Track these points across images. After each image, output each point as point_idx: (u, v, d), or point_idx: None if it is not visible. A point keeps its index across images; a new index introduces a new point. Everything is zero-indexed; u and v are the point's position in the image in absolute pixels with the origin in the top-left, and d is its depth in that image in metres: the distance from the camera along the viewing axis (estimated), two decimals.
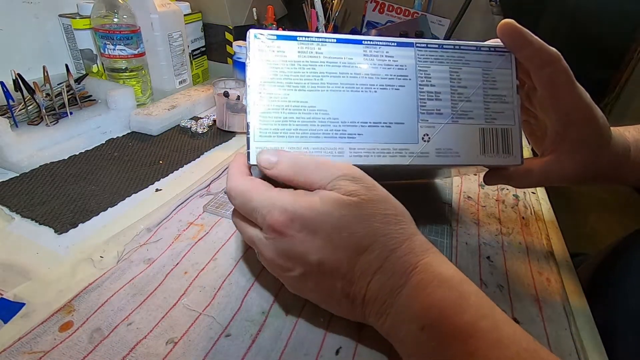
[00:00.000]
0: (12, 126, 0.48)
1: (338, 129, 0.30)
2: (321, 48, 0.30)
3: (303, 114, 0.30)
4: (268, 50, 0.29)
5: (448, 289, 0.24)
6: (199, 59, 0.78)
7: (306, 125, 0.30)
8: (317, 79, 0.30)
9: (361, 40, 0.31)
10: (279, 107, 0.29)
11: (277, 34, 0.30)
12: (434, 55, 0.32)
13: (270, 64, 0.29)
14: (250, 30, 0.29)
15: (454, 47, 0.32)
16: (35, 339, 0.26)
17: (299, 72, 0.30)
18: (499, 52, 0.32)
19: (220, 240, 0.37)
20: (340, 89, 0.30)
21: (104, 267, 0.33)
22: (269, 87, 0.29)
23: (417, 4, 1.01)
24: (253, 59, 0.29)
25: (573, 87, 0.30)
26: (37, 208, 0.39)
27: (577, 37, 0.88)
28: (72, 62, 0.66)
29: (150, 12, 0.62)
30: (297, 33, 0.30)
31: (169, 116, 0.59)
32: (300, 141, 0.30)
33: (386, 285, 0.25)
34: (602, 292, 0.37)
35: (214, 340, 0.27)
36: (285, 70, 0.30)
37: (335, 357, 0.27)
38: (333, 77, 0.30)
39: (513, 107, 0.33)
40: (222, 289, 0.32)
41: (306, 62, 0.30)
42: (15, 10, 0.59)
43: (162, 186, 0.45)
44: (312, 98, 0.30)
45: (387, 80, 0.31)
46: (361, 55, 0.31)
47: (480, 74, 0.32)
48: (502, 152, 0.33)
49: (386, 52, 0.31)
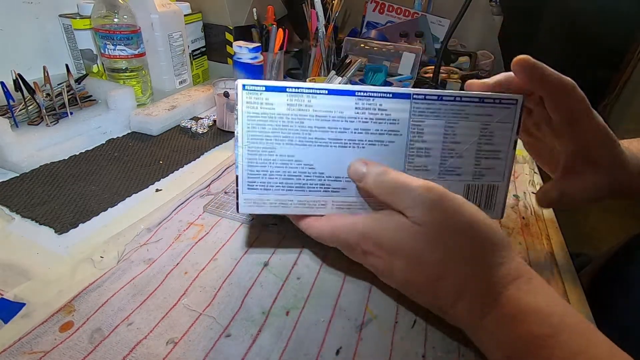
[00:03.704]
0: (13, 126, 0.48)
1: (323, 183, 0.31)
2: (311, 101, 0.29)
3: (289, 168, 0.30)
4: (256, 103, 0.29)
5: (535, 323, 0.23)
6: (199, 59, 0.78)
7: (292, 179, 0.31)
8: (305, 133, 0.30)
9: (354, 91, 0.29)
10: (266, 161, 0.30)
11: (266, 84, 0.29)
12: (431, 108, 0.30)
13: (259, 117, 0.29)
14: (238, 80, 0.29)
15: (454, 98, 0.30)
16: (36, 339, 0.26)
17: (287, 126, 0.29)
18: (504, 104, 0.30)
19: (221, 241, 0.37)
20: (327, 144, 0.30)
21: (104, 267, 0.33)
22: (257, 141, 0.30)
23: (417, 4, 1.01)
24: (241, 112, 0.29)
25: (591, 114, 0.30)
26: (37, 208, 0.39)
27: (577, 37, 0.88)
28: (73, 62, 0.66)
29: (150, 12, 0.62)
30: (287, 84, 0.29)
31: (169, 116, 0.59)
32: (286, 194, 0.31)
33: (468, 310, 0.26)
34: (604, 295, 0.37)
35: (214, 341, 0.27)
36: (274, 124, 0.29)
37: (335, 357, 0.27)
38: (321, 131, 0.30)
39: (505, 164, 0.32)
40: (222, 289, 0.32)
41: (295, 116, 0.29)
42: (15, 10, 0.59)
43: (162, 186, 0.45)
44: (299, 152, 0.30)
45: (376, 136, 0.30)
46: (352, 109, 0.30)
47: (477, 128, 0.31)
48: (483, 206, 0.33)
49: (379, 105, 0.30)
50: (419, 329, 0.29)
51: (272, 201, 0.31)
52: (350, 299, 0.32)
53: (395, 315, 0.30)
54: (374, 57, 0.82)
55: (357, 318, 0.30)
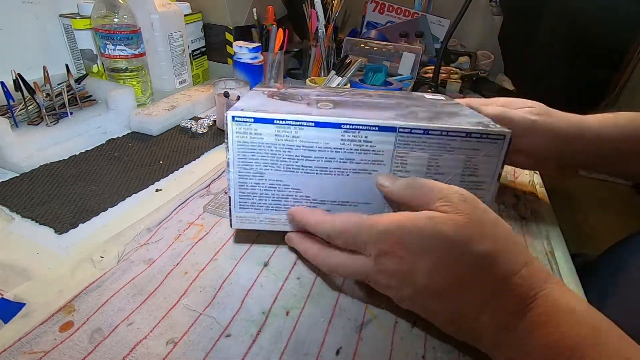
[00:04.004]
0: (12, 126, 0.48)
1: (309, 205, 0.33)
2: (298, 132, 0.30)
3: (277, 191, 0.32)
4: (246, 133, 0.30)
5: (577, 324, 0.22)
6: (199, 59, 0.78)
7: (280, 200, 0.33)
8: (292, 162, 0.31)
9: (340, 124, 0.30)
10: (256, 185, 0.32)
11: (254, 116, 0.30)
12: (416, 141, 0.30)
13: (248, 145, 0.31)
14: (228, 112, 0.30)
15: (440, 132, 0.30)
16: (36, 339, 0.26)
17: (275, 154, 0.31)
18: (491, 139, 0.30)
19: (221, 241, 0.37)
20: (314, 171, 0.31)
21: (104, 267, 0.33)
22: (247, 167, 0.32)
23: (417, 4, 1.01)
24: (232, 141, 0.31)
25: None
26: (37, 208, 0.39)
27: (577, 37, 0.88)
28: (73, 62, 0.66)
29: (150, 12, 0.62)
30: (275, 116, 0.30)
31: (169, 116, 0.59)
32: (275, 213, 0.34)
33: (499, 316, 0.24)
34: (601, 292, 0.37)
35: (214, 341, 0.27)
36: (262, 152, 0.31)
37: (335, 357, 0.27)
38: (308, 160, 0.31)
39: (488, 194, 0.32)
40: (222, 289, 0.32)
41: (282, 145, 0.31)
42: (15, 10, 0.59)
43: (162, 186, 0.45)
44: (287, 178, 0.32)
45: (361, 165, 0.31)
46: (338, 140, 0.30)
47: (462, 161, 0.31)
48: None
49: (364, 137, 0.30)
50: (419, 329, 0.29)
51: (261, 219, 0.34)
52: (351, 299, 0.32)
53: (395, 315, 0.30)
54: (374, 57, 0.82)
55: (357, 318, 0.30)
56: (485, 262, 0.24)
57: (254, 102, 0.34)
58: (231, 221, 0.34)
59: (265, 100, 0.35)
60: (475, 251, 0.24)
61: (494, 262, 0.24)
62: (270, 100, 0.35)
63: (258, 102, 0.34)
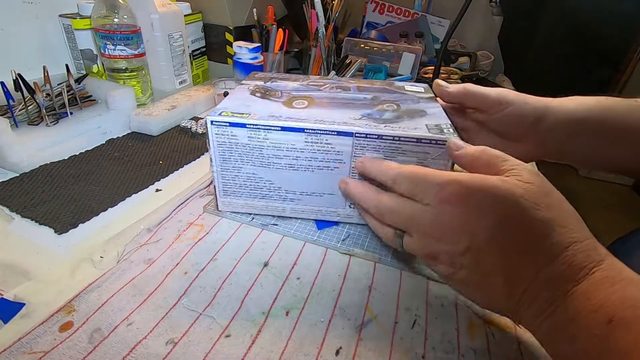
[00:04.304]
0: (12, 126, 0.48)
1: (281, 194, 0.38)
2: (267, 135, 0.35)
3: (253, 182, 0.38)
4: (224, 135, 0.35)
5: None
6: (199, 59, 0.78)
7: (256, 190, 0.38)
8: (264, 159, 0.36)
9: (303, 129, 0.34)
10: (235, 177, 0.38)
11: (230, 121, 0.34)
12: (372, 144, 0.34)
13: (226, 145, 0.36)
14: (207, 117, 0.35)
15: (392, 138, 0.33)
16: (35, 339, 0.26)
17: (249, 152, 0.36)
18: (439, 145, 0.33)
19: (221, 241, 0.37)
20: (283, 167, 0.36)
21: (104, 267, 0.33)
22: (226, 162, 0.37)
23: (417, 5, 1.01)
24: (212, 142, 0.36)
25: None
26: (37, 208, 0.39)
27: (577, 37, 0.88)
28: (73, 62, 0.66)
29: (150, 12, 0.62)
30: (247, 120, 0.34)
31: (169, 116, 0.59)
32: (253, 200, 0.39)
33: (561, 276, 0.24)
34: None
35: (214, 341, 0.27)
36: (239, 151, 0.36)
37: (335, 357, 0.27)
38: (277, 158, 0.36)
39: None
40: (222, 289, 0.32)
41: (255, 145, 0.35)
42: (15, 10, 0.59)
43: (162, 186, 0.45)
44: (260, 172, 0.37)
45: (324, 163, 0.36)
46: (302, 142, 0.35)
47: (415, 162, 0.34)
48: None
49: (325, 140, 0.34)
50: (418, 329, 0.29)
51: (242, 204, 0.40)
52: (350, 299, 0.32)
53: (395, 315, 0.30)
54: (374, 57, 0.82)
55: (357, 318, 0.30)
56: (548, 226, 0.25)
57: (235, 101, 0.38)
58: (217, 205, 0.40)
59: (246, 99, 0.39)
60: (541, 215, 0.25)
61: (558, 227, 0.25)
62: (250, 98, 0.39)
63: (238, 102, 0.38)
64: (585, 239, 0.25)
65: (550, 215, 0.25)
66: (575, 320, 0.23)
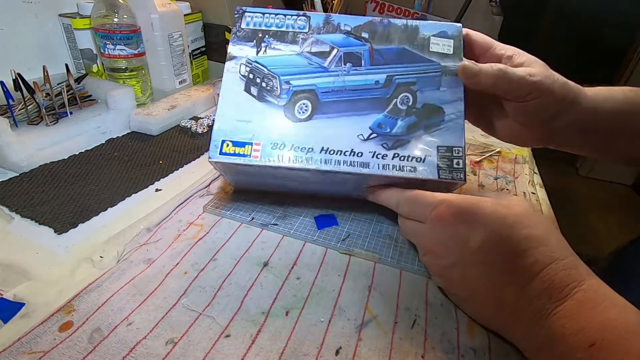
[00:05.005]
0: (12, 126, 0.48)
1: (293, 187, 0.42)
2: (274, 170, 0.35)
3: (264, 184, 0.41)
4: (225, 164, 0.35)
5: (625, 312, 0.23)
6: (199, 59, 0.78)
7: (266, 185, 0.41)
8: (275, 178, 0.38)
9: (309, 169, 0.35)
10: (244, 183, 0.41)
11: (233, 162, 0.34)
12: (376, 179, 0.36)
13: (231, 169, 0.36)
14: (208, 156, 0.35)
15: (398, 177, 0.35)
16: (35, 339, 0.26)
17: (257, 172, 0.36)
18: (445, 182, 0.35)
19: (220, 241, 0.37)
20: (295, 180, 0.39)
21: (104, 267, 0.33)
22: (233, 176, 0.40)
23: (417, 4, 1.01)
24: (217, 168, 0.38)
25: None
26: (37, 208, 0.39)
27: (577, 37, 0.88)
28: (72, 62, 0.66)
29: (150, 12, 0.62)
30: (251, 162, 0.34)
31: (169, 116, 0.59)
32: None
33: (543, 294, 0.25)
34: None
35: (213, 341, 0.27)
36: (246, 170, 0.37)
37: (335, 358, 0.27)
38: (288, 179, 0.38)
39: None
40: (222, 289, 0.32)
41: (262, 172, 0.36)
42: (15, 10, 0.59)
43: (162, 186, 0.45)
44: (270, 180, 0.39)
45: (332, 182, 0.37)
46: (310, 174, 0.35)
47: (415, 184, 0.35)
48: None
49: (333, 174, 0.35)
50: (418, 329, 0.29)
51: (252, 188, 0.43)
52: (350, 299, 0.32)
53: (395, 315, 0.30)
54: None
55: (356, 318, 0.30)
56: (530, 244, 0.26)
57: (231, 111, 0.36)
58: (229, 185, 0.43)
59: (241, 102, 0.37)
60: (524, 233, 0.26)
61: (539, 245, 0.26)
62: (246, 99, 0.37)
63: (234, 112, 0.36)
64: (566, 257, 0.25)
65: (532, 233, 0.26)
66: (558, 342, 0.23)
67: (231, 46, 0.39)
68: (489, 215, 0.27)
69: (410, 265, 0.35)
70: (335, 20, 0.39)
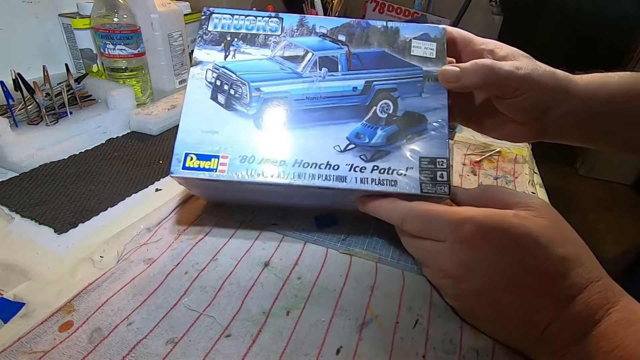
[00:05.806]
0: (12, 126, 0.48)
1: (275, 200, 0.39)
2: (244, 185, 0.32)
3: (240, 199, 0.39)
4: (191, 179, 0.33)
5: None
6: None
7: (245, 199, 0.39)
8: (247, 192, 0.36)
9: (282, 184, 0.32)
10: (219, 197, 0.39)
11: (197, 177, 0.32)
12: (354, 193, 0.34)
13: (199, 185, 0.34)
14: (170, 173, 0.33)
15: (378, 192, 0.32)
16: (35, 339, 0.26)
17: (227, 187, 0.34)
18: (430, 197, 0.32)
19: (221, 241, 0.37)
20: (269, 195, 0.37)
21: (104, 267, 0.33)
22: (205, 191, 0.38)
23: (417, 4, 1.01)
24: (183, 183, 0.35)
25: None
26: (37, 208, 0.39)
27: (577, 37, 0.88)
28: (72, 62, 0.66)
29: (150, 11, 0.62)
30: (217, 177, 0.31)
31: (169, 116, 0.59)
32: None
33: (579, 318, 0.24)
34: None
35: (214, 341, 0.27)
36: (216, 186, 0.34)
37: (335, 357, 0.27)
38: (260, 193, 0.36)
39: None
40: (222, 289, 0.31)
41: (232, 188, 0.34)
42: (15, 10, 0.58)
43: (162, 186, 0.45)
44: (246, 195, 0.37)
45: (310, 194, 0.35)
46: (284, 189, 0.33)
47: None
48: None
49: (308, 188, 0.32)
50: (420, 329, 0.29)
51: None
52: (351, 299, 0.32)
53: (396, 315, 0.30)
54: None
55: (357, 318, 0.30)
56: (566, 265, 0.24)
57: (195, 122, 0.33)
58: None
59: (207, 110, 0.33)
60: (559, 253, 0.24)
61: (575, 265, 0.24)
62: (212, 108, 0.33)
63: (199, 122, 0.33)
64: (600, 278, 0.25)
65: (567, 253, 0.25)
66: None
67: (197, 50, 0.35)
68: (521, 236, 0.25)
69: (411, 266, 0.35)
70: (310, 22, 0.36)
